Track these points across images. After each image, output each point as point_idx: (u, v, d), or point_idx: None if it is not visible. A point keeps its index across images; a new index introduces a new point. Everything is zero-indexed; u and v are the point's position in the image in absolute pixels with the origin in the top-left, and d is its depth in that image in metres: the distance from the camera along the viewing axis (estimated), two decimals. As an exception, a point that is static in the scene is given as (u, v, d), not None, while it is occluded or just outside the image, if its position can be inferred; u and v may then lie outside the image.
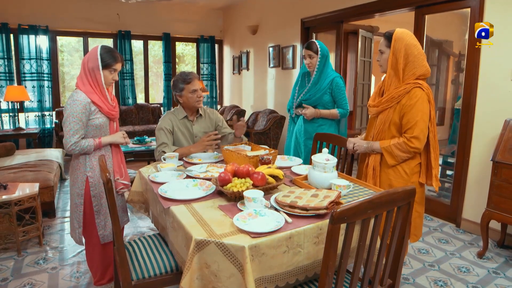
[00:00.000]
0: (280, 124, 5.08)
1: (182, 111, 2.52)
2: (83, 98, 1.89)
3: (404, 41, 1.84)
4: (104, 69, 1.95)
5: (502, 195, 2.47)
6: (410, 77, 1.86)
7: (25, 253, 2.71)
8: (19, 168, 3.59)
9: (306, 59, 2.79)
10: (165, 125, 2.46)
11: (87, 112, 1.91)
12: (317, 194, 1.56)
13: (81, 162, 1.98)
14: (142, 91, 7.17)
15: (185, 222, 1.43)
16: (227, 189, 1.59)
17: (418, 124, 1.82)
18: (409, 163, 1.92)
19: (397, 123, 1.90)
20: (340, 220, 1.07)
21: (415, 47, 1.84)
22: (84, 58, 1.96)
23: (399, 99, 1.86)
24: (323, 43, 2.77)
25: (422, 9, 3.45)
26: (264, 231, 1.32)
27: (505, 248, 2.81)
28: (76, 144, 1.89)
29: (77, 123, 1.87)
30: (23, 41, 5.61)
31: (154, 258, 1.75)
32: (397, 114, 1.88)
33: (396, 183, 1.92)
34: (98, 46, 1.96)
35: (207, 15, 7.28)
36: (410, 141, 1.83)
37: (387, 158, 1.91)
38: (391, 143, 1.88)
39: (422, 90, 1.82)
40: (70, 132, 1.87)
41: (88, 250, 2.11)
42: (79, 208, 2.00)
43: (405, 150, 1.86)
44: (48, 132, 5.98)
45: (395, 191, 1.20)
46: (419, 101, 1.81)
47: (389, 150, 1.88)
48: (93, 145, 1.95)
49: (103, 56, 1.93)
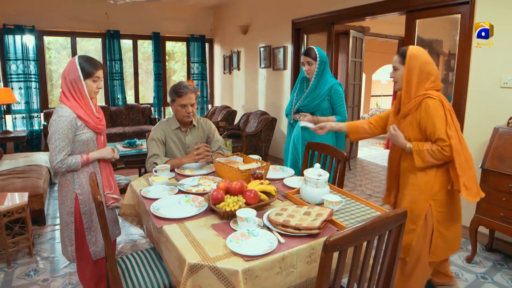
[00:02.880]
0: (272, 126, 5.08)
1: (175, 121, 2.49)
2: (68, 113, 1.84)
3: (419, 59, 1.86)
4: (86, 78, 1.89)
5: (491, 202, 2.52)
6: (421, 91, 1.87)
7: (15, 264, 2.67)
8: (7, 174, 3.53)
9: (305, 65, 2.77)
10: (158, 135, 2.43)
11: (73, 128, 1.86)
12: (310, 212, 1.57)
13: (69, 179, 1.94)
14: (132, 88, 7.08)
15: (178, 244, 1.42)
16: (220, 208, 1.59)
17: (444, 132, 1.78)
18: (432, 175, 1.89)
19: (418, 134, 1.89)
20: (333, 249, 1.08)
21: (430, 64, 1.87)
22: (64, 72, 1.89)
23: (411, 112, 1.89)
24: (321, 49, 2.76)
25: (413, 14, 3.47)
26: (257, 253, 1.32)
27: (493, 252, 2.87)
28: (63, 162, 1.84)
29: (63, 140, 1.82)
30: (9, 42, 5.49)
31: (147, 275, 1.74)
32: (414, 128, 1.89)
33: (417, 198, 1.91)
34: (76, 56, 1.90)
35: (197, 13, 7.20)
36: (444, 150, 1.79)
37: (416, 160, 1.86)
38: (425, 148, 1.83)
39: (433, 98, 1.83)
40: (56, 149, 1.82)
41: (80, 266, 2.09)
42: (70, 226, 1.97)
43: (438, 157, 1.82)
44: (37, 134, 5.88)
45: (387, 216, 1.21)
46: (434, 110, 1.80)
47: (421, 155, 1.84)
48: (81, 162, 1.91)
49: (82, 66, 1.87)
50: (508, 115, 2.70)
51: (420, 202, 1.91)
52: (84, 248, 2.00)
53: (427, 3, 3.27)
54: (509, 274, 2.56)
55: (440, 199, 1.90)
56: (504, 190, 2.43)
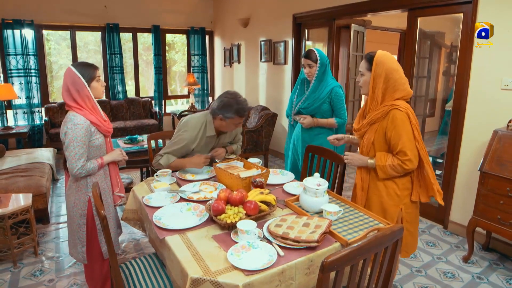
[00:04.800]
0: (272, 121, 5.08)
1: (212, 130, 2.36)
2: (83, 121, 1.89)
3: (385, 66, 1.85)
4: (91, 82, 1.94)
5: (488, 204, 2.55)
6: (388, 99, 1.88)
7: (21, 264, 2.73)
8: (10, 173, 3.56)
9: (305, 68, 2.75)
10: (190, 139, 2.33)
11: (89, 134, 1.93)
12: (308, 223, 1.60)
13: (83, 184, 2.00)
14: (132, 78, 7.06)
15: (180, 257, 1.46)
16: (221, 220, 1.62)
17: (407, 146, 1.84)
18: (400, 184, 1.95)
19: (382, 141, 1.92)
20: (330, 269, 1.11)
21: (396, 72, 1.86)
22: (65, 85, 1.90)
23: (378, 121, 1.91)
24: (322, 51, 2.74)
25: (415, 12, 3.43)
26: (257, 268, 1.36)
27: (490, 251, 2.92)
28: (83, 168, 1.91)
29: (82, 147, 1.88)
30: (8, 37, 5.46)
31: (151, 283, 1.79)
32: (379, 135, 1.92)
33: (388, 205, 1.96)
34: (70, 67, 1.91)
35: (197, 5, 7.12)
36: (405, 164, 1.85)
37: (379, 174, 1.94)
38: (387, 163, 1.89)
39: (400, 110, 1.84)
40: (75, 156, 1.87)
41: (88, 267, 2.15)
42: (82, 228, 2.03)
43: (400, 171, 1.89)
44: (38, 129, 5.91)
45: (383, 235, 1.24)
46: (400, 123, 1.83)
47: (384, 170, 1.91)
48: (97, 166, 1.99)
49: (82, 72, 1.91)
50: (508, 118, 2.71)
51: (391, 208, 1.97)
52: (94, 249, 2.07)
53: (429, 1, 3.23)
54: (505, 274, 2.61)
55: (407, 202, 1.98)
56: (502, 193, 2.46)
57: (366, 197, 2.06)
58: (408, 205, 1.98)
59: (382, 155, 1.92)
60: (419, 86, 4.63)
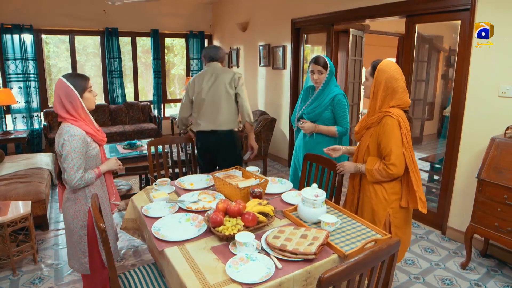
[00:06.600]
0: (271, 126, 5.09)
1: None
2: (80, 132, 1.90)
3: (385, 74, 1.93)
4: (83, 93, 1.93)
5: (486, 211, 2.56)
6: (385, 106, 1.97)
7: (20, 272, 2.74)
8: (9, 179, 3.57)
9: (315, 74, 2.65)
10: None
11: (86, 144, 1.93)
12: (306, 235, 1.61)
13: (81, 195, 1.99)
14: (131, 81, 7.07)
15: (179, 269, 1.47)
16: (219, 232, 1.63)
17: (393, 151, 1.92)
18: (387, 188, 2.02)
19: (375, 146, 2.02)
20: (327, 285, 1.12)
21: (396, 81, 1.93)
22: (57, 98, 1.90)
23: (372, 126, 2.02)
24: (329, 58, 2.72)
25: (413, 18, 3.45)
26: (255, 281, 1.37)
27: (487, 258, 2.93)
28: (82, 179, 1.91)
29: (79, 158, 1.88)
30: (7, 41, 5.47)
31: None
32: (373, 140, 2.01)
33: (377, 208, 2.03)
34: (61, 78, 1.91)
35: (196, 9, 7.14)
36: (389, 168, 1.94)
37: (368, 177, 2.04)
38: (374, 168, 1.99)
39: (392, 117, 1.92)
40: (74, 168, 1.87)
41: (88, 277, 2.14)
42: (84, 239, 2.03)
43: (385, 175, 1.98)
44: (37, 133, 5.91)
45: (380, 249, 1.25)
46: (390, 129, 1.92)
47: (371, 174, 2.01)
48: (95, 176, 1.99)
49: (74, 83, 1.90)
50: (505, 125, 2.72)
51: (380, 210, 2.04)
52: (95, 258, 2.07)
53: (427, 9, 3.25)
54: (503, 281, 2.62)
55: (395, 207, 2.03)
56: (499, 200, 2.47)
57: (358, 199, 2.16)
58: (396, 209, 2.03)
59: (372, 159, 2.03)
60: (418, 90, 4.64)
